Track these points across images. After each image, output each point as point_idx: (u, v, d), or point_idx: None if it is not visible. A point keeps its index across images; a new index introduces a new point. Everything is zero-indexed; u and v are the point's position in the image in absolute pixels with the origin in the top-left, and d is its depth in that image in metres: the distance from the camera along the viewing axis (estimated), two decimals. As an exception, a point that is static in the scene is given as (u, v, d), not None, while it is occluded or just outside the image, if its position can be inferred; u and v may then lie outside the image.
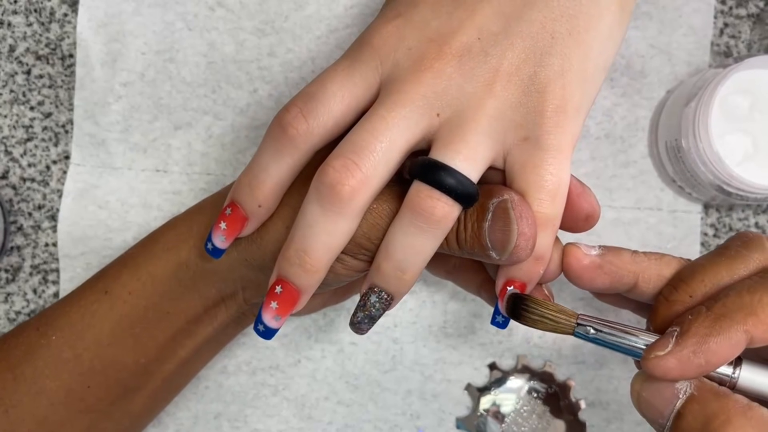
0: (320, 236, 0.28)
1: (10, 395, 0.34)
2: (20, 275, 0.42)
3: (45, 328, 0.35)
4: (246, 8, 0.42)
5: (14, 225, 0.42)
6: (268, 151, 0.29)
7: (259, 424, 0.42)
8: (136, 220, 0.42)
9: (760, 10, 0.43)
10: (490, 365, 0.43)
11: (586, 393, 0.43)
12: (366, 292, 0.30)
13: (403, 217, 0.28)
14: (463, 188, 0.28)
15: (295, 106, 0.29)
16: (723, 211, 0.43)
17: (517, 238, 0.28)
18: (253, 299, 0.36)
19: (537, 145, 0.29)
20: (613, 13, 0.29)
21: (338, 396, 0.43)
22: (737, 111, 0.39)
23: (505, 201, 0.28)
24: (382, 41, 0.29)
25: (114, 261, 0.37)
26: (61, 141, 0.42)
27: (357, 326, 0.30)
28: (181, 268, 0.35)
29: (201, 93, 0.42)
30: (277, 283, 0.29)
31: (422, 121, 0.28)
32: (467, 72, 0.28)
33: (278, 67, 0.42)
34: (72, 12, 0.42)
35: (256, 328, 0.30)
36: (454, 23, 0.28)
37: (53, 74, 0.42)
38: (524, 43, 0.28)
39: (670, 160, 0.41)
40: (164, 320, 0.35)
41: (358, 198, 0.28)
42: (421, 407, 0.43)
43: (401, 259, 0.29)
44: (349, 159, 0.28)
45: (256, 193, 0.30)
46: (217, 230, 0.31)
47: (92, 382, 0.35)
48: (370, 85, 0.29)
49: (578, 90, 0.29)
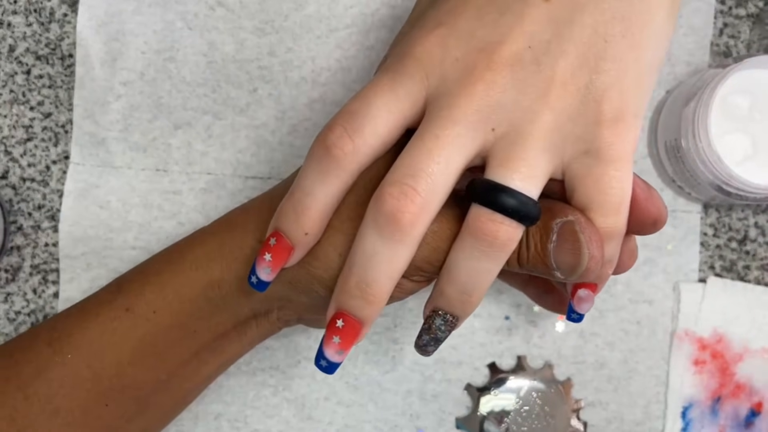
0: (381, 266, 0.27)
1: (22, 416, 0.32)
2: (20, 275, 0.42)
3: (59, 345, 0.33)
4: (246, 8, 0.42)
5: (14, 225, 0.42)
6: (312, 174, 0.28)
7: (259, 424, 0.42)
8: (136, 220, 0.42)
9: (759, 10, 0.43)
10: (490, 365, 0.43)
11: (586, 393, 0.43)
12: (430, 315, 0.29)
13: (465, 241, 0.27)
14: (525, 209, 0.26)
15: (339, 125, 0.27)
16: (722, 211, 0.43)
17: (588, 261, 0.27)
18: (287, 318, 0.35)
19: (598, 157, 0.27)
20: (665, 11, 0.28)
21: (338, 396, 0.43)
22: (737, 111, 0.39)
23: (572, 223, 0.27)
24: (426, 53, 0.27)
25: (133, 273, 0.35)
26: (60, 141, 0.42)
27: (423, 349, 0.30)
28: (212, 288, 0.33)
29: (201, 92, 0.42)
30: (337, 317, 0.28)
31: (478, 137, 0.27)
32: (520, 83, 0.27)
33: (278, 66, 0.42)
34: (72, 12, 0.42)
35: (318, 363, 0.29)
36: (502, 31, 0.27)
37: (53, 74, 0.42)
38: (577, 49, 0.27)
39: (669, 160, 0.41)
40: (190, 338, 0.34)
41: (419, 225, 0.26)
42: (421, 407, 0.43)
43: (465, 282, 0.28)
44: (406, 185, 0.26)
45: (302, 220, 0.28)
46: (261, 262, 0.29)
47: (110, 400, 0.33)
48: (416, 99, 0.28)
49: (635, 95, 0.28)
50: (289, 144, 0.42)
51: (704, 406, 0.42)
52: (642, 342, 0.43)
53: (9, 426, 0.32)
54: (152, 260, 0.35)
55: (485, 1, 0.28)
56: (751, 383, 0.42)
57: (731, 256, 0.43)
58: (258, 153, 0.42)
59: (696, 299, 0.42)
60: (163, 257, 0.35)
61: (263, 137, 0.42)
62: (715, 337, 0.42)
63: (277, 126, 0.42)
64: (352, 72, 0.43)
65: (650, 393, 0.43)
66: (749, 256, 0.43)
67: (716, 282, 0.42)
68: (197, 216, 0.42)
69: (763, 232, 0.43)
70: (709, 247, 0.43)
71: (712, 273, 0.43)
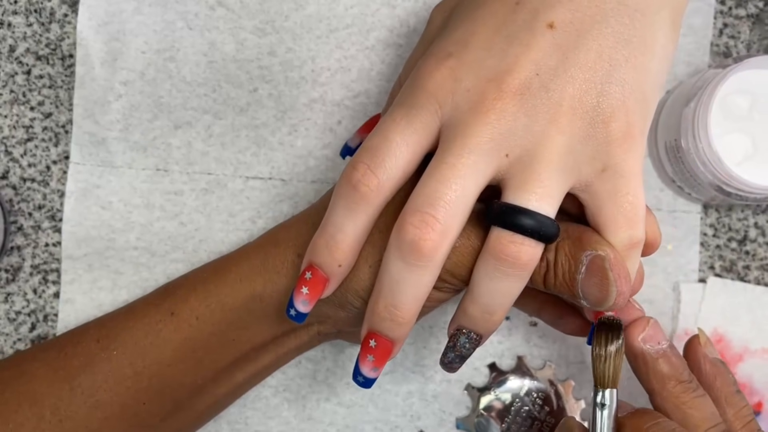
0: (407, 290, 0.28)
1: (66, 406, 0.34)
2: (20, 275, 0.42)
3: (106, 341, 0.35)
4: (246, 7, 0.42)
5: (14, 225, 0.42)
6: (342, 210, 0.29)
7: (259, 425, 0.42)
8: (138, 220, 0.42)
9: (759, 11, 0.43)
10: (490, 365, 0.43)
11: (586, 393, 0.43)
12: (455, 333, 0.30)
13: (487, 263, 0.28)
14: (544, 228, 0.28)
15: (362, 163, 0.29)
16: (722, 211, 0.43)
17: (615, 298, 0.29)
18: (327, 331, 0.36)
19: (614, 174, 0.28)
20: (666, 32, 0.29)
21: (339, 397, 0.43)
22: (737, 111, 0.39)
23: (602, 259, 0.29)
24: (438, 85, 0.28)
25: (180, 280, 0.37)
26: (61, 141, 0.42)
27: (449, 366, 0.31)
28: (254, 300, 0.35)
29: (201, 92, 0.42)
30: (369, 337, 0.30)
31: (492, 163, 0.28)
32: (530, 109, 0.28)
33: (278, 66, 0.42)
34: (72, 12, 0.42)
35: (356, 379, 0.31)
36: (510, 60, 0.28)
37: (53, 74, 0.42)
38: (583, 74, 0.28)
39: (669, 160, 0.41)
40: (229, 346, 0.35)
41: (440, 250, 0.28)
42: (421, 408, 0.43)
43: (488, 303, 0.29)
44: (425, 213, 0.27)
45: (336, 254, 0.30)
46: (299, 296, 0.30)
47: (148, 399, 0.35)
48: (431, 130, 0.29)
49: (640, 113, 0.29)
50: (289, 144, 0.42)
51: (704, 406, 0.43)
52: (642, 342, 0.43)
53: (53, 415, 0.34)
54: (201, 269, 0.37)
55: (493, 31, 0.29)
56: (751, 383, 0.42)
57: (731, 256, 0.43)
58: (258, 153, 0.42)
59: (696, 299, 0.42)
60: (211, 267, 0.37)
61: (263, 137, 0.42)
62: (715, 337, 0.42)
63: (277, 126, 0.42)
64: (352, 72, 0.43)
65: (650, 393, 0.43)
66: (749, 256, 0.43)
67: (716, 282, 0.43)
68: (199, 216, 0.42)
69: (763, 232, 0.43)
70: (709, 247, 0.43)
71: (712, 273, 0.43)
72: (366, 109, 0.43)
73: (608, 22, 0.28)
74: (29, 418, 0.34)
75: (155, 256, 0.42)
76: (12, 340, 0.42)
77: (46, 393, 0.34)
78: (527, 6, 0.28)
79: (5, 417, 0.34)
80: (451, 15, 0.32)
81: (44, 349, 0.37)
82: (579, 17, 0.28)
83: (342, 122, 0.43)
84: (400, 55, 0.43)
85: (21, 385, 0.35)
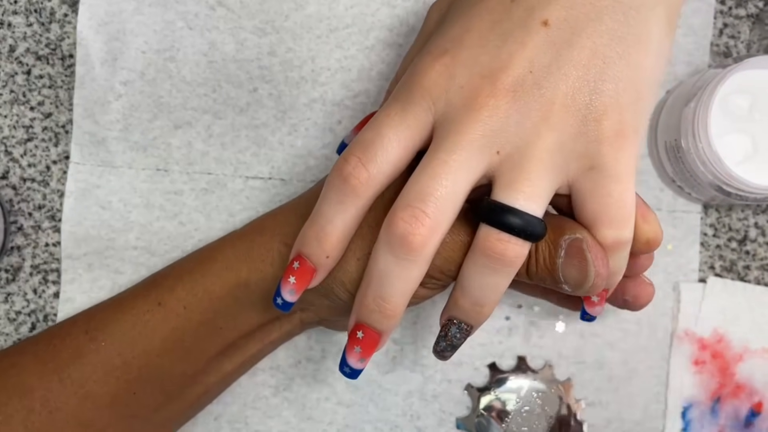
0: (396, 283, 0.29)
1: (56, 397, 0.34)
2: (20, 275, 0.42)
3: (95, 333, 0.36)
4: (246, 7, 0.42)
5: (14, 225, 0.42)
6: (332, 202, 0.29)
7: (259, 425, 0.42)
8: (138, 220, 0.42)
9: (759, 11, 0.43)
10: (490, 365, 0.43)
11: (586, 393, 0.43)
12: (446, 323, 0.31)
13: (476, 259, 0.29)
14: (531, 228, 0.28)
15: (354, 156, 0.29)
16: (722, 211, 0.43)
17: (594, 278, 0.29)
18: (309, 320, 0.37)
19: (603, 173, 0.28)
20: (661, 29, 0.29)
21: (338, 397, 0.43)
22: (737, 111, 0.39)
23: (580, 240, 0.29)
24: (432, 81, 0.29)
25: (166, 271, 0.38)
26: (61, 141, 0.42)
27: (440, 354, 0.31)
28: (239, 288, 0.35)
29: (201, 92, 0.42)
30: (357, 329, 0.30)
31: (483, 160, 0.28)
32: (522, 107, 0.28)
33: (278, 66, 0.42)
34: (72, 12, 0.42)
35: (342, 370, 0.31)
36: (504, 57, 0.28)
37: (53, 74, 0.42)
38: (577, 71, 0.28)
39: (669, 160, 0.41)
40: (216, 335, 0.36)
41: (429, 245, 0.28)
42: (421, 408, 0.43)
43: (478, 296, 0.29)
44: (416, 208, 0.28)
45: (324, 245, 0.30)
46: (286, 285, 0.31)
47: (138, 389, 0.35)
48: (424, 126, 0.29)
49: (634, 112, 0.28)
50: (289, 144, 0.42)
51: (704, 406, 0.43)
52: (642, 342, 0.43)
53: (43, 407, 0.34)
54: (186, 259, 0.38)
55: (487, 29, 0.29)
56: (751, 383, 0.42)
57: (731, 256, 0.43)
58: (258, 153, 0.42)
59: (696, 299, 0.42)
60: (196, 256, 0.37)
61: (263, 137, 0.42)
62: (715, 337, 0.42)
63: (277, 126, 0.42)
64: (352, 72, 0.43)
65: (650, 393, 0.43)
66: (749, 256, 0.43)
67: (716, 282, 0.43)
68: (198, 216, 0.42)
69: (763, 232, 0.43)
70: (709, 247, 0.43)
71: (712, 273, 0.43)
72: (366, 108, 0.43)
73: (602, 19, 0.28)
74: (19, 410, 0.34)
75: (155, 256, 0.42)
76: (12, 340, 0.42)
77: (36, 385, 0.35)
78: (522, 3, 0.28)
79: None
80: (448, 12, 0.32)
81: (33, 342, 0.37)
82: (573, 15, 0.28)
83: (342, 122, 0.43)
84: (400, 55, 0.43)
85: (10, 378, 0.35)
